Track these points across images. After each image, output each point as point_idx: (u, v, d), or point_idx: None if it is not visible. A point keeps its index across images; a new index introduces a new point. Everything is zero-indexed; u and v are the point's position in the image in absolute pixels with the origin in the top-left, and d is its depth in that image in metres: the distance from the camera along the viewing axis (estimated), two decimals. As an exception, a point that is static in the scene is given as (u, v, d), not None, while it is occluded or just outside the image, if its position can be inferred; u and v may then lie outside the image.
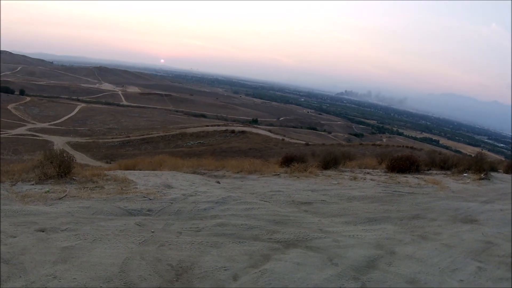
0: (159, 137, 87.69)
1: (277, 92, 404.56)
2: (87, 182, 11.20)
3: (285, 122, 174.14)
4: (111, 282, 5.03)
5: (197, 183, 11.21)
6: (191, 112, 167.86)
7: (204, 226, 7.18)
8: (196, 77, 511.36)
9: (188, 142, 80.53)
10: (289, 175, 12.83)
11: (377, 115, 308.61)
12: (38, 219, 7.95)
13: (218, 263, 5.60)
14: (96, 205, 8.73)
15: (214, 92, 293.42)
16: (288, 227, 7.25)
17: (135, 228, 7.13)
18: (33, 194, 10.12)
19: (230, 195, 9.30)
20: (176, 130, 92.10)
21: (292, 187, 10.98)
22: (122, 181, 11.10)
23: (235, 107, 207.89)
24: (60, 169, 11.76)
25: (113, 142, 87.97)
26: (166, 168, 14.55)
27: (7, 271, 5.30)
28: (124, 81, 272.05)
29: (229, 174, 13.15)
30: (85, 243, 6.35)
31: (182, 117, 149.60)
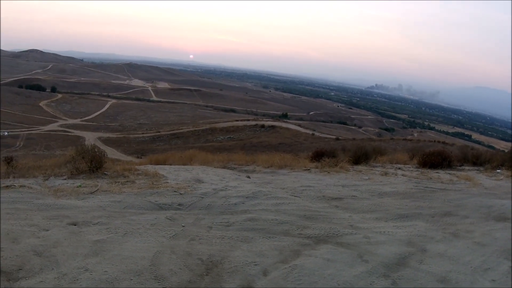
0: (189, 132, 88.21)
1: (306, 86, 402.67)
2: (118, 177, 11.30)
3: (315, 116, 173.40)
4: (141, 276, 5.06)
5: (228, 177, 11.21)
6: (220, 107, 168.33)
7: (234, 220, 7.17)
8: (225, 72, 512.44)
9: (218, 137, 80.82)
10: (320, 170, 12.73)
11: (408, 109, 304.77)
12: (70, 213, 8.05)
13: (248, 258, 5.58)
14: (127, 199, 8.80)
15: (244, 87, 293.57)
16: (319, 222, 7.19)
17: (166, 222, 7.17)
18: (65, 188, 10.26)
19: (261, 190, 9.27)
20: (206, 125, 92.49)
21: (323, 182, 10.89)
22: (153, 176, 11.16)
23: (264, 101, 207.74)
24: (91, 164, 11.90)
25: (144, 137, 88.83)
26: (196, 163, 14.59)
27: (40, 264, 5.39)
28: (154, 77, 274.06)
29: (259, 169, 13.12)
30: (116, 237, 6.41)
31: (212, 112, 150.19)
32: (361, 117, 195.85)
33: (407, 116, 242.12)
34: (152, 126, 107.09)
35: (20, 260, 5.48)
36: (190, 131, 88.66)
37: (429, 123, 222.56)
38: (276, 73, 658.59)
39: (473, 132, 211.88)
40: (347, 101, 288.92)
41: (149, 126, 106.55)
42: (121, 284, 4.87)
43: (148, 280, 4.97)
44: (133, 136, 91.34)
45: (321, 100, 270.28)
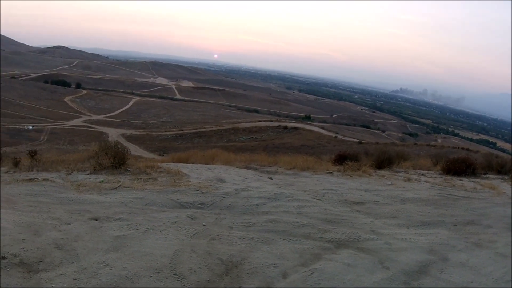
0: (211, 131, 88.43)
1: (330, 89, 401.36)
2: (140, 174, 11.37)
3: (338, 119, 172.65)
4: (161, 273, 5.07)
5: (250, 178, 11.20)
6: (244, 107, 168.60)
7: (255, 221, 7.15)
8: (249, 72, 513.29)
9: (241, 137, 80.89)
10: (342, 173, 12.66)
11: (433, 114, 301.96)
12: (92, 207, 8.11)
13: (268, 260, 5.55)
14: (149, 197, 8.84)
15: (267, 88, 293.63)
16: (340, 226, 7.13)
17: (187, 221, 7.18)
18: (88, 183, 10.35)
19: (283, 192, 9.24)
20: (229, 125, 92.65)
21: (345, 186, 10.81)
22: (175, 174, 11.21)
23: (288, 103, 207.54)
24: (114, 160, 11.99)
25: (166, 135, 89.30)
26: (218, 162, 14.62)
27: (60, 257, 5.44)
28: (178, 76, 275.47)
29: (281, 170, 13.09)
30: (137, 233, 6.44)
31: (235, 112, 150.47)
32: (384, 121, 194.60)
33: (431, 122, 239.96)
34: (175, 124, 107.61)
35: (41, 252, 5.53)
36: (212, 131, 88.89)
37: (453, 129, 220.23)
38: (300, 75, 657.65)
39: (498, 139, 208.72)
40: (371, 104, 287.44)
41: (172, 124, 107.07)
42: (140, 280, 4.88)
43: (168, 278, 4.98)
44: (156, 134, 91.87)
45: (344, 102, 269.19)
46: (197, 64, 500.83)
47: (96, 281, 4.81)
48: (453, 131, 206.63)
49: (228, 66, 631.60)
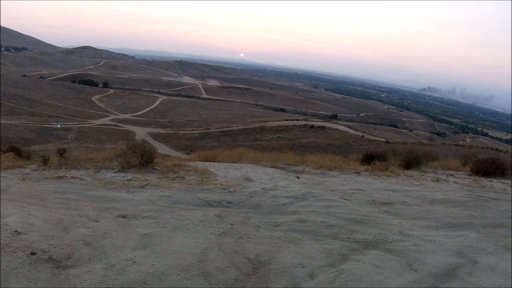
0: (238, 130, 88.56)
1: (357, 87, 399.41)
2: (168, 172, 11.45)
3: (365, 118, 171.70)
4: (188, 271, 5.08)
5: (277, 177, 11.19)
6: (270, 106, 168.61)
7: (283, 221, 7.13)
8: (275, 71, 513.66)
9: (267, 136, 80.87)
10: (370, 173, 12.55)
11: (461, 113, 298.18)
12: (120, 205, 8.20)
13: (296, 260, 5.52)
14: (176, 195, 8.90)
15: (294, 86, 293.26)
16: (368, 227, 7.06)
17: (215, 219, 7.20)
18: (116, 181, 10.46)
19: (310, 191, 9.20)
20: (255, 124, 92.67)
21: (373, 186, 10.71)
22: (203, 173, 11.26)
23: (314, 101, 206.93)
24: (142, 158, 12.10)
25: (193, 134, 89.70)
26: (245, 161, 14.63)
27: (89, 253, 5.51)
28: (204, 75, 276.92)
29: (308, 170, 13.04)
30: (165, 231, 6.48)
31: (262, 110, 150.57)
32: (412, 120, 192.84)
33: (459, 121, 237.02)
34: (202, 123, 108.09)
35: (70, 249, 5.60)
36: (239, 129, 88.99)
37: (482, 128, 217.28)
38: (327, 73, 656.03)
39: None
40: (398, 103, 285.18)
41: (199, 123, 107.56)
42: (168, 278, 4.90)
43: (195, 276, 4.99)
44: (182, 133, 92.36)
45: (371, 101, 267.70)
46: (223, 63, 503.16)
47: (124, 278, 4.85)
48: (482, 131, 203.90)
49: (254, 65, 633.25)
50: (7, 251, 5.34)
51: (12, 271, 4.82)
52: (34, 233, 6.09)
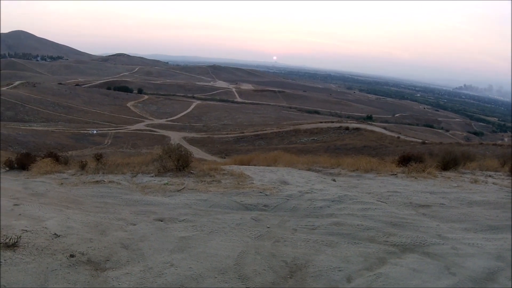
0: (272, 133, 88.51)
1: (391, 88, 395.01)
2: (204, 176, 11.54)
3: (400, 119, 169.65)
4: (225, 274, 5.12)
5: (313, 180, 11.14)
6: (304, 109, 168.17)
7: (319, 224, 7.10)
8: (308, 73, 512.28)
9: (302, 139, 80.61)
10: (407, 175, 12.38)
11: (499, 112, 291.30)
12: (157, 209, 8.33)
13: (333, 263, 5.50)
14: (213, 199, 8.97)
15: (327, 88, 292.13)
16: (405, 230, 6.96)
17: (251, 223, 7.23)
18: (153, 185, 10.60)
19: (347, 194, 9.13)
20: (290, 127, 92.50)
21: (410, 188, 10.57)
22: (239, 176, 11.29)
23: (349, 103, 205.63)
24: (178, 162, 12.22)
25: (228, 138, 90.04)
26: (281, 164, 14.62)
27: (127, 256, 5.62)
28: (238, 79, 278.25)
29: (344, 172, 12.94)
30: (202, 235, 6.55)
31: (296, 113, 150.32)
32: (448, 120, 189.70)
33: (497, 119, 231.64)
34: (236, 127, 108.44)
35: (108, 251, 5.73)
36: (273, 133, 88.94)
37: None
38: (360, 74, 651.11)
39: None
40: (434, 102, 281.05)
41: (233, 127, 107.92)
42: (205, 281, 4.95)
43: (232, 279, 5.02)
44: (217, 137, 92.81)
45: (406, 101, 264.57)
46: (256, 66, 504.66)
47: (161, 281, 4.92)
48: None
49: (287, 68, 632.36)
50: (46, 253, 5.50)
51: (52, 272, 4.96)
52: (73, 236, 6.24)
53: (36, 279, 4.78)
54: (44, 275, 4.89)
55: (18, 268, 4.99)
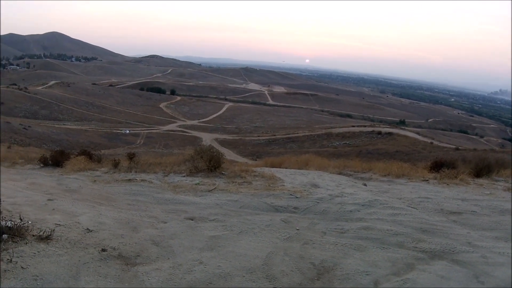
0: (304, 136, 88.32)
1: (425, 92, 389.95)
2: (235, 177, 11.63)
3: (434, 124, 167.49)
4: (253, 274, 5.19)
5: (344, 184, 11.11)
6: (336, 112, 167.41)
7: (349, 228, 7.09)
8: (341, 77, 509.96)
9: (334, 142, 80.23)
10: (438, 181, 12.22)
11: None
12: (188, 208, 8.46)
13: (360, 267, 5.49)
14: (243, 199, 9.04)
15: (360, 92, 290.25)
16: (435, 237, 6.86)
17: (281, 224, 7.28)
18: (184, 185, 10.74)
19: (377, 199, 9.08)
20: (322, 130, 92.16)
21: (441, 194, 10.44)
22: (270, 178, 11.34)
23: (381, 107, 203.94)
24: (210, 163, 12.33)
25: (259, 140, 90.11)
26: (312, 167, 14.60)
27: (157, 252, 5.77)
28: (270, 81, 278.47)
29: (375, 177, 12.86)
30: (232, 234, 6.64)
31: (328, 116, 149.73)
32: (483, 126, 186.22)
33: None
34: (268, 129, 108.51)
35: (139, 247, 5.89)
36: (305, 136, 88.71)
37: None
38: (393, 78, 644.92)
39: None
40: (468, 108, 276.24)
41: (265, 129, 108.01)
42: (233, 279, 5.03)
43: (260, 278, 5.08)
44: (249, 139, 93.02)
45: (440, 106, 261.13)
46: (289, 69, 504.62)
47: (190, 277, 5.02)
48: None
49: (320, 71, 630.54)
50: (79, 246, 5.69)
51: (83, 265, 5.13)
52: (105, 231, 6.41)
53: (68, 270, 4.94)
54: (76, 267, 5.05)
55: (51, 259, 5.16)
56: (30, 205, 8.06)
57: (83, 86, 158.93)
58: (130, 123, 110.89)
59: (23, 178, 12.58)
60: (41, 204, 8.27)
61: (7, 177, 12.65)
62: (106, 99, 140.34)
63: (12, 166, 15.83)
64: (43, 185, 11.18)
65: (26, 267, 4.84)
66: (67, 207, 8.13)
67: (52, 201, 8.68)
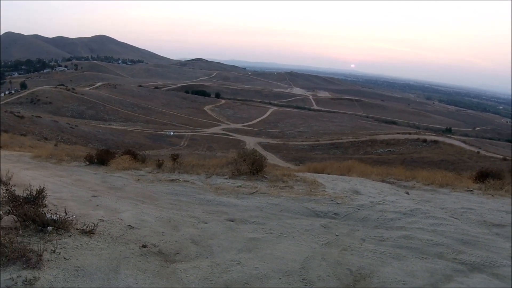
0: (348, 142, 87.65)
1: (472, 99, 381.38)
2: (277, 181, 11.69)
3: (481, 132, 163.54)
4: (290, 277, 5.23)
5: (386, 192, 11.02)
6: (381, 118, 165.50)
7: (388, 236, 7.04)
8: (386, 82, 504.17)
9: (378, 150, 79.34)
10: (483, 192, 11.96)
11: None
12: (229, 210, 8.59)
13: (398, 276, 5.45)
14: (284, 203, 9.10)
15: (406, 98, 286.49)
16: (476, 249, 6.72)
17: (320, 230, 7.30)
18: (226, 187, 10.88)
19: (419, 208, 8.97)
20: (366, 137, 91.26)
21: (485, 206, 10.20)
22: (311, 183, 11.36)
23: (427, 114, 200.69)
24: (252, 166, 12.43)
25: (303, 145, 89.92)
26: (354, 174, 14.51)
27: (196, 251, 5.91)
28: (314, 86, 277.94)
29: (419, 186, 12.68)
30: (271, 237, 6.71)
31: (372, 123, 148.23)
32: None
33: None
34: (312, 134, 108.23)
35: (179, 245, 6.05)
36: (349, 142, 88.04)
37: None
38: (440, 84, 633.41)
39: None
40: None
41: (309, 134, 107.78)
42: (269, 281, 5.09)
43: (296, 282, 5.13)
44: (292, 143, 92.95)
45: (488, 114, 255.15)
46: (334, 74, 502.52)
47: (227, 277, 5.12)
48: None
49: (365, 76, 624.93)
50: (120, 242, 5.90)
51: (124, 259, 5.31)
52: (146, 228, 6.60)
53: (109, 263, 5.12)
54: (116, 261, 5.24)
55: (93, 252, 5.37)
56: (75, 200, 8.36)
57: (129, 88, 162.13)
58: (174, 125, 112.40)
59: (69, 174, 12.98)
60: (85, 200, 8.55)
61: (53, 173, 13.10)
62: (152, 101, 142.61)
63: (59, 163, 16.30)
64: (88, 182, 11.52)
65: (69, 258, 5.05)
66: (110, 203, 8.38)
67: (96, 197, 8.97)
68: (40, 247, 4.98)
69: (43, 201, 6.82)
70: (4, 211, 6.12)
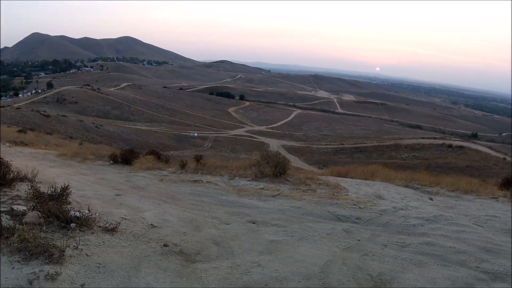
0: (372, 146, 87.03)
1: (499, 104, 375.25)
2: (300, 184, 11.70)
3: (508, 138, 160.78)
4: (310, 280, 5.23)
5: (409, 197, 10.93)
6: (406, 123, 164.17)
7: (410, 242, 6.98)
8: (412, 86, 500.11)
9: (402, 154, 78.60)
10: (508, 199, 11.78)
11: None
12: (251, 211, 8.63)
13: (418, 283, 5.41)
14: (306, 207, 9.11)
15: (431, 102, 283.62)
16: (499, 258, 6.60)
17: (342, 234, 7.28)
18: (249, 189, 10.91)
19: (442, 214, 8.89)
20: (390, 141, 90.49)
21: (510, 213, 10.08)
22: (334, 187, 11.33)
23: (453, 119, 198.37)
24: (275, 169, 12.45)
25: (327, 149, 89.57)
26: (378, 178, 14.42)
27: (217, 252, 5.96)
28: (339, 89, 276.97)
29: (443, 192, 12.54)
30: (292, 240, 6.72)
31: (397, 127, 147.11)
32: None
33: None
34: (336, 138, 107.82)
35: (200, 246, 6.10)
36: (373, 146, 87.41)
37: None
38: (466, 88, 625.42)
39: None
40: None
41: (333, 138, 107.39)
42: (289, 284, 5.11)
43: (315, 285, 5.13)
44: (316, 147, 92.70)
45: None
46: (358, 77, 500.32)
47: (247, 278, 5.15)
48: None
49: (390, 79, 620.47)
50: (142, 240, 5.98)
51: (145, 258, 5.39)
52: (168, 228, 6.68)
53: (130, 261, 5.20)
54: (137, 259, 5.31)
55: (114, 250, 5.46)
56: (98, 199, 8.47)
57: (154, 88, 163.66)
58: (198, 126, 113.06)
59: (93, 173, 13.14)
60: (108, 198, 8.66)
61: (78, 171, 13.28)
62: (176, 102, 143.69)
63: (83, 162, 16.50)
64: (111, 180, 11.66)
65: (91, 255, 5.14)
66: (133, 202, 8.48)
67: (120, 196, 9.07)
68: (62, 243, 5.07)
69: (67, 198, 6.97)
70: (29, 207, 6.25)
